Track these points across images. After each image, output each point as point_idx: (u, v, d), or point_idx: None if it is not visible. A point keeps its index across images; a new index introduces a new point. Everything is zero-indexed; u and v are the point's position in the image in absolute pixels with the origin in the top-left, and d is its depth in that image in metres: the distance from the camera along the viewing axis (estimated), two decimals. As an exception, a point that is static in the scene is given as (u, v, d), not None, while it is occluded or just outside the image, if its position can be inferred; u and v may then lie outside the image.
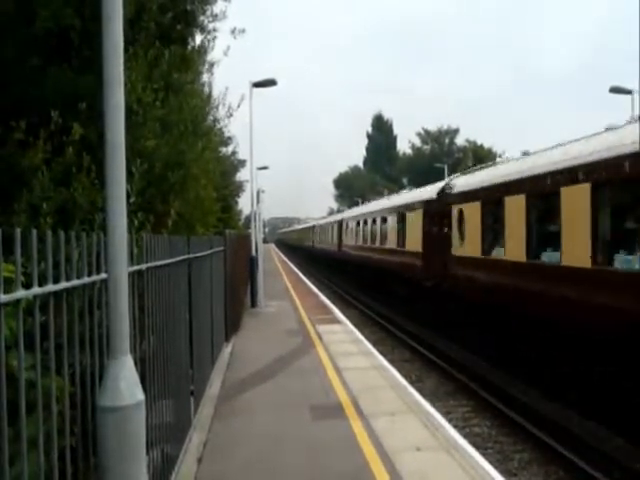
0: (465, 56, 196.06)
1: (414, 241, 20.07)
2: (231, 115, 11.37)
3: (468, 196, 15.66)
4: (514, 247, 12.48)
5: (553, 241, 11.02)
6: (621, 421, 8.74)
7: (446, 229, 17.00)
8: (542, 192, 11.63)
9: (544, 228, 11.75)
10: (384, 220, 25.93)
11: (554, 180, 11.05)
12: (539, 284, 11.36)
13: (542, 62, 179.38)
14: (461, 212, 15.97)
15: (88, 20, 5.32)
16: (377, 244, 26.81)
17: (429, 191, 20.09)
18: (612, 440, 8.80)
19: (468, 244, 15.38)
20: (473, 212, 15.13)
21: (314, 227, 59.14)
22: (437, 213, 18.07)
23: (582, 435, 8.98)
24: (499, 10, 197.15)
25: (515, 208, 12.56)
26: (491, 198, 14.08)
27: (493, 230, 14.18)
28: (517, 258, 12.28)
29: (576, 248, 10.10)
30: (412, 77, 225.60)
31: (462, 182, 17.04)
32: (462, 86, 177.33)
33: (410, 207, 21.31)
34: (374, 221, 28.29)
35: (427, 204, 19.21)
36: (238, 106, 11.65)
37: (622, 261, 9.14)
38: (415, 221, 20.19)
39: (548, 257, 11.34)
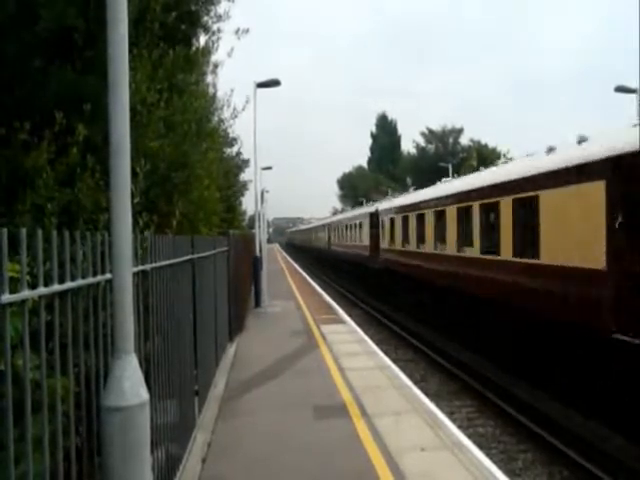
0: (466, 56, 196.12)
1: (579, 248, 9.92)
2: (236, 116, 11.44)
3: None
4: None
5: None
6: (622, 421, 8.70)
7: None
8: None
9: None
10: (467, 211, 15.24)
11: None
12: None
13: (543, 61, 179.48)
14: None
15: (92, 21, 5.33)
16: (461, 251, 15.71)
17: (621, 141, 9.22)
18: (613, 439, 8.78)
19: None
20: None
21: (329, 225, 48.47)
22: None
23: (585, 435, 8.96)
24: (500, 10, 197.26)
25: None
26: None
27: None
28: None
29: None
30: (414, 77, 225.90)
31: None
32: (464, 86, 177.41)
33: (557, 178, 10.79)
34: (440, 215, 17.58)
35: (622, 168, 8.97)
36: (243, 109, 11.72)
37: None
38: (577, 207, 10.02)
39: None
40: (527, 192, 11.94)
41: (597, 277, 9.26)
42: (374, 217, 28.20)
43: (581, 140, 11.43)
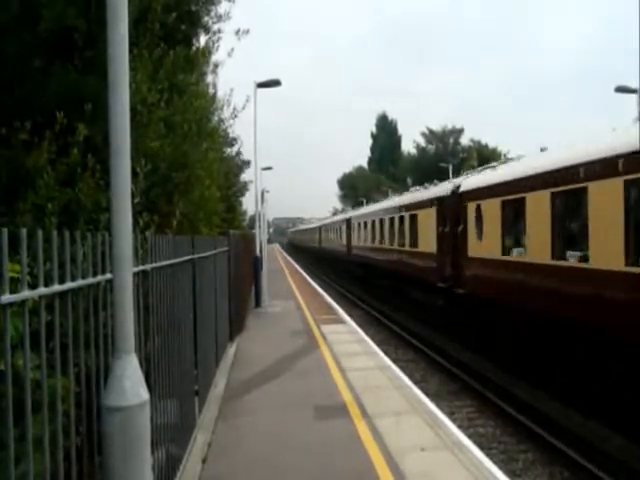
0: (466, 56, 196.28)
1: None
2: (236, 116, 11.46)
3: None
4: None
5: None
6: (622, 420, 8.70)
7: None
8: None
9: None
10: None
11: None
12: None
13: (543, 61, 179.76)
14: None
15: (92, 21, 5.33)
16: None
17: None
18: (613, 439, 8.78)
19: None
20: None
21: (349, 220, 35.91)
22: None
23: (585, 435, 8.96)
24: (500, 10, 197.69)
25: None
26: None
27: None
28: None
29: None
30: (414, 77, 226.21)
31: None
32: (464, 86, 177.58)
33: None
34: None
35: None
36: (243, 108, 11.75)
37: None
38: None
39: None
40: None
41: None
42: (449, 203, 16.50)
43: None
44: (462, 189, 15.90)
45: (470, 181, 16.01)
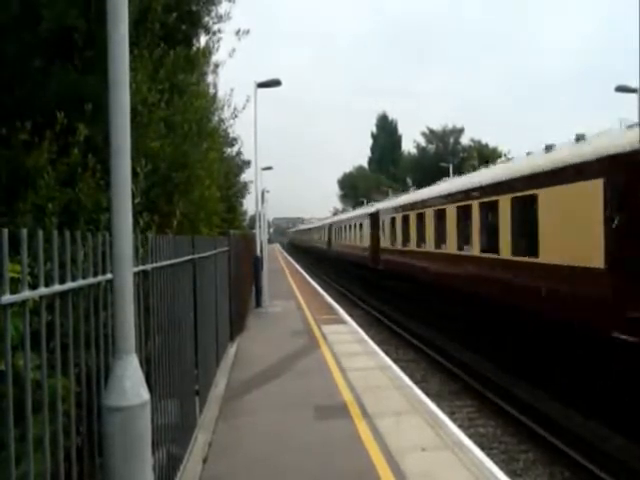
0: (466, 56, 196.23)
1: None
2: (236, 116, 11.47)
3: None
4: None
5: None
6: (622, 420, 8.70)
7: None
8: None
9: None
10: None
11: None
12: None
13: (543, 61, 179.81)
14: None
15: (92, 21, 5.33)
16: None
17: None
18: (613, 439, 8.77)
19: None
20: None
21: (374, 215, 27.80)
22: None
23: (585, 435, 8.95)
24: (500, 10, 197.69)
25: None
26: None
27: None
28: None
29: None
30: (414, 77, 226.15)
31: None
32: (464, 86, 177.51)
33: None
34: None
35: None
36: (243, 108, 11.75)
37: None
38: None
39: None
40: None
41: None
42: None
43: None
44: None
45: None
